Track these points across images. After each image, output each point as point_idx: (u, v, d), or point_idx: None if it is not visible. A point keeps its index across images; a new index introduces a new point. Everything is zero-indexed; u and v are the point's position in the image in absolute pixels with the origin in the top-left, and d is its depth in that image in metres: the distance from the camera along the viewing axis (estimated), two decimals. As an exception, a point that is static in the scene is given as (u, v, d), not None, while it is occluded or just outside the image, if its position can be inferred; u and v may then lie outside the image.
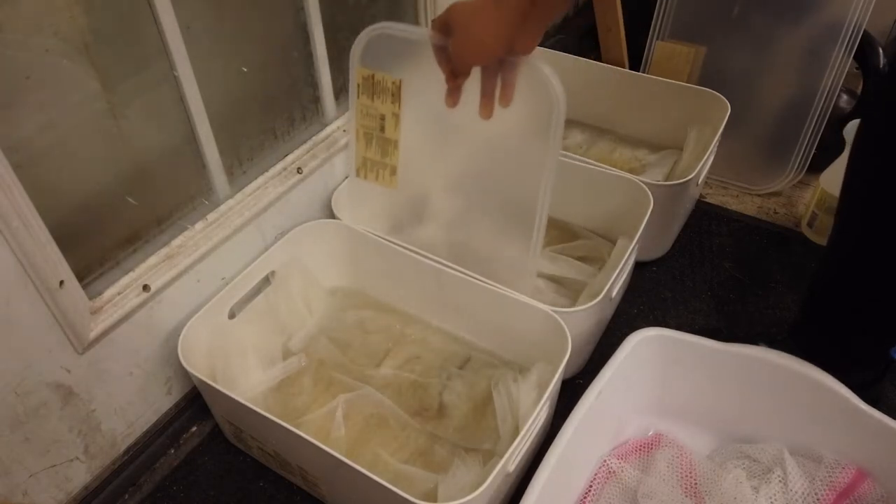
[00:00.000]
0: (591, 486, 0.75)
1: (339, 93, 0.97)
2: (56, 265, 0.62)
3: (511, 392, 0.78)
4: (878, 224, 0.70)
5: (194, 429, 0.86)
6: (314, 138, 0.93)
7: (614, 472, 0.76)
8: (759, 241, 1.13)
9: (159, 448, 0.82)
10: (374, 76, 0.77)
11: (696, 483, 0.75)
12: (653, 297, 1.03)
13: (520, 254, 0.79)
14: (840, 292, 0.78)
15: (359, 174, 0.86)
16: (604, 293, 0.79)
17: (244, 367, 0.81)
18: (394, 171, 0.82)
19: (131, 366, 0.75)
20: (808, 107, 1.13)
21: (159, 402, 0.81)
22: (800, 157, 1.17)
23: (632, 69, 1.29)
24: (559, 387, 0.77)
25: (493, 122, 0.68)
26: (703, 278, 1.06)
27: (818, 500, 0.72)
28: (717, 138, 1.04)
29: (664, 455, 0.77)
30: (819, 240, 1.12)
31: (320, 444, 0.63)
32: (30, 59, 0.58)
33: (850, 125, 1.05)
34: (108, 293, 0.71)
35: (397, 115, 0.78)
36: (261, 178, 0.86)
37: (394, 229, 0.93)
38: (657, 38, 1.24)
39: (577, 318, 0.79)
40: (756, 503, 0.72)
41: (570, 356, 0.73)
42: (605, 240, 1.02)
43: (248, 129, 0.85)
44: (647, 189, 0.93)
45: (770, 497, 0.72)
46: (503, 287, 0.81)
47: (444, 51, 0.65)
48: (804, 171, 1.17)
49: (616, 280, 0.83)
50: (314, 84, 0.92)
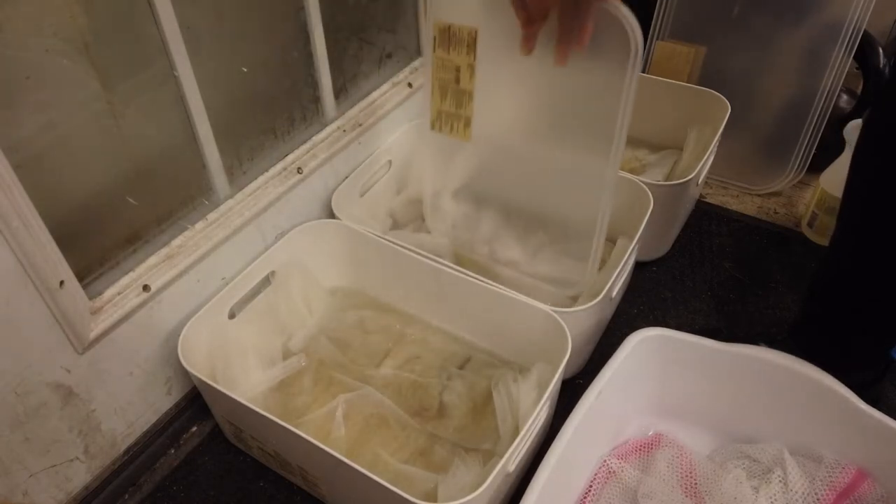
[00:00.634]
0: (591, 486, 0.75)
1: (339, 93, 0.97)
2: (56, 265, 0.62)
3: (511, 392, 0.78)
4: (879, 224, 0.70)
5: (194, 429, 0.86)
6: (314, 138, 0.93)
7: (614, 472, 0.76)
8: (759, 241, 1.13)
9: (159, 448, 0.82)
10: (450, 27, 0.77)
11: (696, 483, 0.75)
12: (653, 297, 1.03)
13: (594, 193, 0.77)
14: (840, 292, 0.78)
15: (433, 127, 0.86)
16: (604, 293, 0.79)
17: (244, 367, 0.81)
18: (468, 123, 0.83)
19: (131, 366, 0.75)
20: (808, 107, 1.13)
21: (159, 402, 0.81)
22: (800, 157, 1.17)
23: (632, 69, 1.29)
24: (559, 387, 0.77)
25: (567, 73, 0.67)
26: (703, 278, 1.06)
27: (818, 500, 0.72)
28: (717, 138, 1.04)
29: (664, 455, 0.77)
30: (819, 240, 1.12)
31: (320, 444, 0.63)
32: (30, 59, 0.58)
33: (850, 125, 1.04)
34: (108, 293, 0.71)
35: (472, 66, 0.78)
36: (261, 178, 0.86)
37: (466, 187, 0.92)
38: (657, 38, 1.24)
39: (577, 318, 0.79)
40: (756, 503, 0.72)
41: (570, 356, 0.73)
42: (606, 240, 1.02)
43: (248, 129, 0.85)
44: (647, 189, 0.93)
45: (770, 497, 0.72)
46: (503, 287, 0.81)
47: None
48: (804, 171, 1.17)
49: (616, 280, 0.83)
50: (314, 84, 0.92)
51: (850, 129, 1.04)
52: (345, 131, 0.96)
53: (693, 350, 0.78)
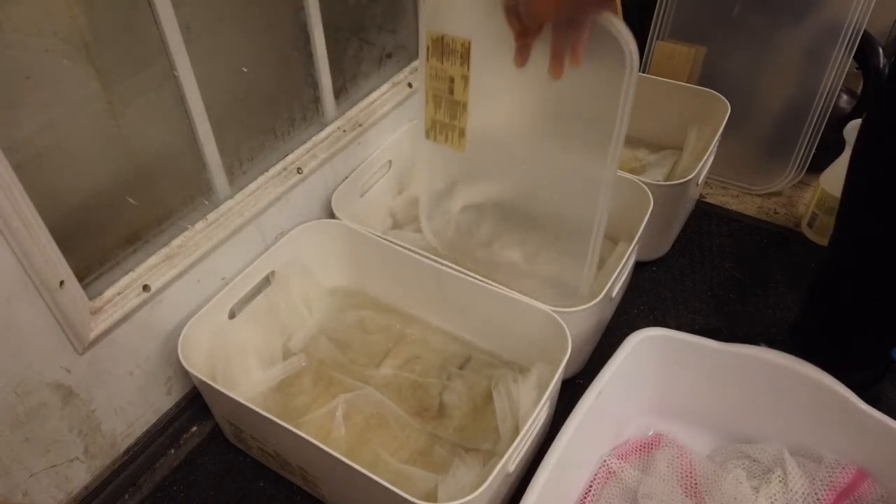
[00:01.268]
0: (591, 486, 0.75)
1: (339, 93, 0.97)
2: (56, 265, 0.62)
3: (511, 392, 0.78)
4: (879, 224, 0.70)
5: (194, 429, 0.86)
6: (314, 138, 0.93)
7: (614, 472, 0.76)
8: (759, 241, 1.13)
9: (159, 448, 0.82)
10: (443, 38, 0.77)
11: (696, 483, 0.75)
12: (653, 297, 1.03)
13: (587, 214, 0.78)
14: (840, 292, 0.78)
15: (428, 136, 0.86)
16: (604, 293, 0.79)
17: (244, 367, 0.81)
18: (462, 134, 0.83)
19: (131, 366, 0.75)
20: (808, 107, 1.13)
21: (159, 402, 0.81)
22: (800, 157, 1.17)
23: (632, 69, 1.29)
24: (559, 387, 0.77)
25: (562, 84, 0.67)
26: (703, 278, 1.06)
27: (818, 500, 0.72)
28: (717, 138, 1.04)
29: (664, 455, 0.77)
30: (819, 240, 1.12)
31: (320, 444, 0.63)
32: (30, 59, 0.58)
33: (850, 125, 1.04)
34: (108, 293, 0.71)
35: (466, 77, 0.78)
36: (261, 178, 0.86)
37: (461, 185, 0.92)
38: (657, 38, 1.24)
39: (577, 318, 0.79)
40: (756, 503, 0.72)
41: (570, 356, 0.73)
42: (606, 239, 1.02)
43: (248, 129, 0.85)
44: (647, 189, 0.93)
45: (770, 497, 0.72)
46: (503, 287, 0.81)
47: (515, 8, 0.63)
48: (804, 171, 1.17)
49: (616, 280, 0.83)
50: (314, 84, 0.92)
51: (850, 129, 1.04)
52: (345, 131, 0.96)
53: (693, 350, 0.78)
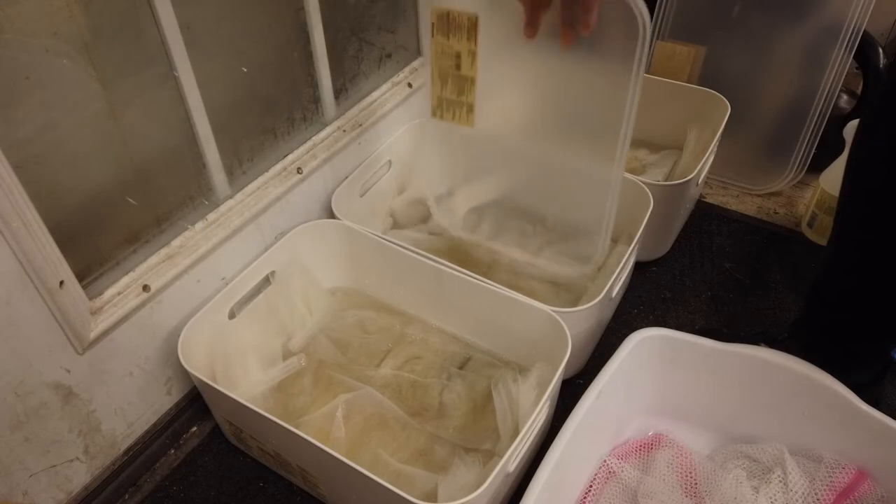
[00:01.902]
0: (591, 486, 0.75)
1: (339, 93, 0.97)
2: (56, 265, 0.62)
3: (511, 392, 0.78)
4: (878, 224, 0.70)
5: (194, 429, 0.86)
6: (314, 138, 0.93)
7: (614, 472, 0.76)
8: (759, 241, 1.13)
9: (159, 448, 0.82)
10: (449, 13, 0.76)
11: (696, 483, 0.75)
12: (653, 297, 1.03)
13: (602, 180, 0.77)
14: (840, 292, 0.78)
15: (434, 114, 0.85)
16: (604, 293, 0.79)
17: (244, 367, 0.81)
18: (471, 109, 0.82)
19: (131, 366, 0.75)
20: (808, 107, 1.13)
21: (159, 402, 0.81)
22: (800, 157, 1.17)
23: (632, 69, 1.29)
24: (559, 387, 0.77)
25: (573, 59, 0.66)
26: (703, 278, 1.06)
27: (818, 500, 0.72)
28: (717, 138, 1.04)
29: (664, 455, 0.77)
30: (819, 240, 1.12)
31: (320, 444, 0.63)
32: (30, 59, 0.58)
33: (850, 125, 1.04)
34: (108, 293, 0.71)
35: (474, 52, 0.77)
36: (261, 179, 0.86)
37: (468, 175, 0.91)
38: (657, 38, 1.24)
39: (577, 318, 0.79)
40: (756, 503, 0.72)
41: (570, 356, 0.73)
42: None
43: (248, 129, 0.85)
44: (647, 189, 0.92)
45: (770, 497, 0.72)
46: (503, 287, 0.81)
47: None
48: (804, 171, 1.17)
49: (616, 280, 0.83)
50: (314, 84, 0.92)
51: (850, 129, 1.04)
52: (345, 131, 0.96)
53: (693, 350, 0.78)
